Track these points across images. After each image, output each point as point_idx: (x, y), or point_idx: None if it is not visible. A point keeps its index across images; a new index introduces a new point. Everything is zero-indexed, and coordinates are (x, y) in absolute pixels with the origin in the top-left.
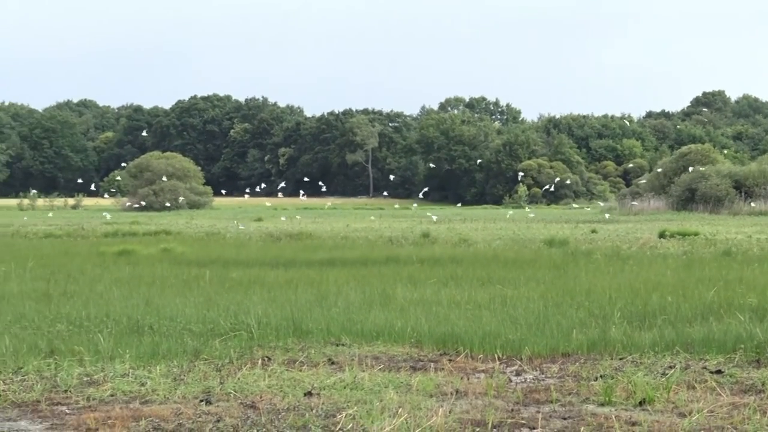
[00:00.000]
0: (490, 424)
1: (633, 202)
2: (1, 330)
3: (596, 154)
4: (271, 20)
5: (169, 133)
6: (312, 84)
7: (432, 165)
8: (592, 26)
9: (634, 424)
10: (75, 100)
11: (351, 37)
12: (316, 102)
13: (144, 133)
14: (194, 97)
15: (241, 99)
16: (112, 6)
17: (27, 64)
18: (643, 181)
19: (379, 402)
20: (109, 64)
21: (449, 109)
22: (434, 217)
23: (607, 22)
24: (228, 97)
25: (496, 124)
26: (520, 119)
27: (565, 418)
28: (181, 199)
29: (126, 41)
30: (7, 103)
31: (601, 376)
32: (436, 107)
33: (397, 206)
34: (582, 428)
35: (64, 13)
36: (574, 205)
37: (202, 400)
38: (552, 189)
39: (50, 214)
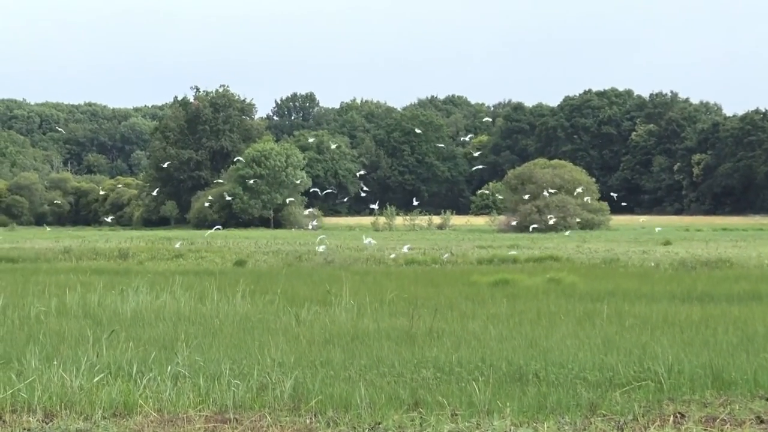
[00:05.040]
0: None
1: None
2: (355, 377)
3: None
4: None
5: (556, 137)
6: (731, 77)
7: None
8: None
9: None
10: (441, 97)
11: None
12: (736, 98)
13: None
14: (587, 92)
15: (645, 94)
16: None
17: (388, 57)
18: None
19: None
20: (482, 55)
21: None
22: None
23: None
24: (628, 93)
25: None
26: None
27: None
28: (551, 210)
29: (507, 28)
30: (359, 101)
31: None
32: None
33: None
34: None
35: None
36: None
37: None
38: None
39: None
